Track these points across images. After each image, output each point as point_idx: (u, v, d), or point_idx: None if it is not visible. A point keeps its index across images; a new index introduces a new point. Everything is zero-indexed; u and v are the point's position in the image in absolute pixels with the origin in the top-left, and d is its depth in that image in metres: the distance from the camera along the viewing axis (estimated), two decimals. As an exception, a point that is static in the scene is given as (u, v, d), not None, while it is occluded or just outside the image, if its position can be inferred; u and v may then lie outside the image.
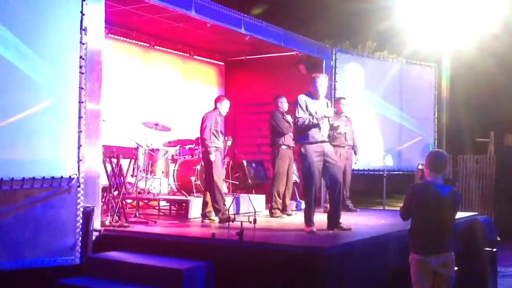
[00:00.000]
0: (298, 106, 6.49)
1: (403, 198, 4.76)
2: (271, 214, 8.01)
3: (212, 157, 7.18)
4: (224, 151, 7.53)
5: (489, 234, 7.75)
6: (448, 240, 4.60)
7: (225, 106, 7.59)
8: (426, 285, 4.54)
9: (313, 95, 6.63)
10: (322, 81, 6.63)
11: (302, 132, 6.49)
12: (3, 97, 5.27)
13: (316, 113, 6.44)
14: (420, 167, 9.28)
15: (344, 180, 8.29)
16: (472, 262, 7.13)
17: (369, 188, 11.16)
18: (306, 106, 6.48)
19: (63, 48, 5.71)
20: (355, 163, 9.06)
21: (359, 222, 7.35)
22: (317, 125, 6.42)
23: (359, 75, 10.66)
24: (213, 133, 7.31)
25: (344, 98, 8.96)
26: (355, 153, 9.00)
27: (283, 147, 8.10)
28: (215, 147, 7.32)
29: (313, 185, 6.38)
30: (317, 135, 6.44)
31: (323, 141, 6.47)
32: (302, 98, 6.56)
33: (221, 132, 7.57)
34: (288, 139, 8.17)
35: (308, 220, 6.41)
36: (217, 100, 7.64)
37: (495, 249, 7.69)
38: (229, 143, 7.47)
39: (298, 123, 6.47)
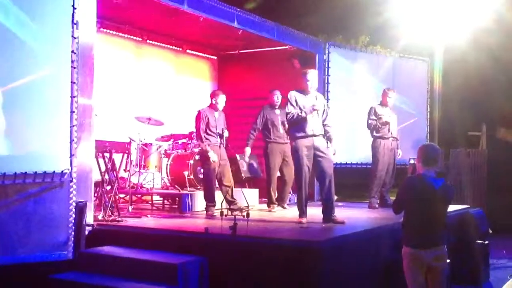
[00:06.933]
0: (289, 101, 6.65)
1: (395, 192, 4.77)
2: (268, 207, 8.13)
3: (211, 155, 7.22)
4: (223, 145, 7.50)
5: (481, 226, 7.81)
6: (441, 233, 4.61)
7: (221, 101, 7.55)
8: (419, 278, 4.55)
9: (303, 90, 6.72)
10: (311, 76, 6.72)
11: (293, 127, 6.65)
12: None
13: (304, 107, 6.53)
14: (411, 161, 9.27)
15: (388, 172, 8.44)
16: (464, 254, 7.19)
17: (361, 181, 11.17)
18: (296, 101, 6.61)
19: (54, 42, 5.66)
20: (399, 155, 8.76)
21: (352, 215, 7.37)
22: (305, 119, 6.51)
23: (352, 69, 10.67)
24: (206, 132, 7.32)
25: (393, 91, 8.72)
26: (397, 147, 8.72)
27: (271, 141, 8.17)
28: (211, 144, 7.34)
29: (302, 178, 6.54)
30: (306, 129, 6.55)
31: (313, 135, 6.56)
32: (292, 94, 6.70)
33: (220, 127, 7.48)
34: (276, 133, 8.17)
35: (300, 211, 6.64)
36: (212, 95, 7.62)
37: (487, 242, 7.74)
38: (226, 134, 7.45)
39: (288, 118, 6.62)
